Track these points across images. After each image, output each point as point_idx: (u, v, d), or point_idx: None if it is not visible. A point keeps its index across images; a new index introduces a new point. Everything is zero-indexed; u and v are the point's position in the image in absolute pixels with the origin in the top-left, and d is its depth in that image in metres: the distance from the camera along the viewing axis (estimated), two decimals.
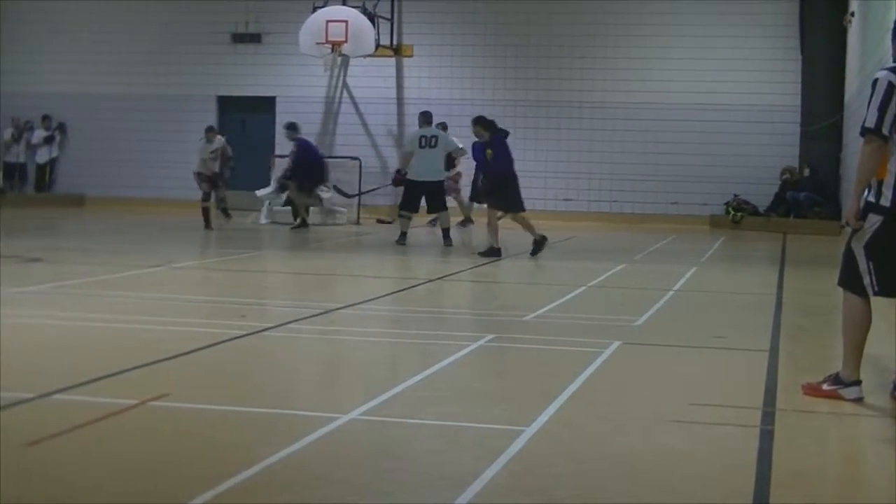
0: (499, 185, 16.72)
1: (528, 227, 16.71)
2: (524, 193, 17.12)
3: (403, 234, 18.25)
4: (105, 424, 5.96)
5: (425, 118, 19.19)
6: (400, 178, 18.92)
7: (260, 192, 23.43)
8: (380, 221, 24.08)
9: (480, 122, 17.16)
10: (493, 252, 16.29)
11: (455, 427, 6.09)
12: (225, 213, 21.12)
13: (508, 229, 17.31)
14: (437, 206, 18.57)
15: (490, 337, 9.08)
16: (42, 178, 28.96)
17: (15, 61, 29.21)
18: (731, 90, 26.20)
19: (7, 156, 28.50)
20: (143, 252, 16.13)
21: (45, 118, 28.84)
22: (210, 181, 20.87)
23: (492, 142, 16.82)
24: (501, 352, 8.66)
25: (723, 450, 5.79)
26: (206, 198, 20.93)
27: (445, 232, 18.34)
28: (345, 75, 27.88)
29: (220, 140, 21.14)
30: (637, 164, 26.63)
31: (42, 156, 28.94)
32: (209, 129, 21.27)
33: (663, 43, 26.61)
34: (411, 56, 27.63)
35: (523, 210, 16.97)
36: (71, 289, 11.62)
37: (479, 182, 18.85)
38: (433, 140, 18.54)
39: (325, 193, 23.14)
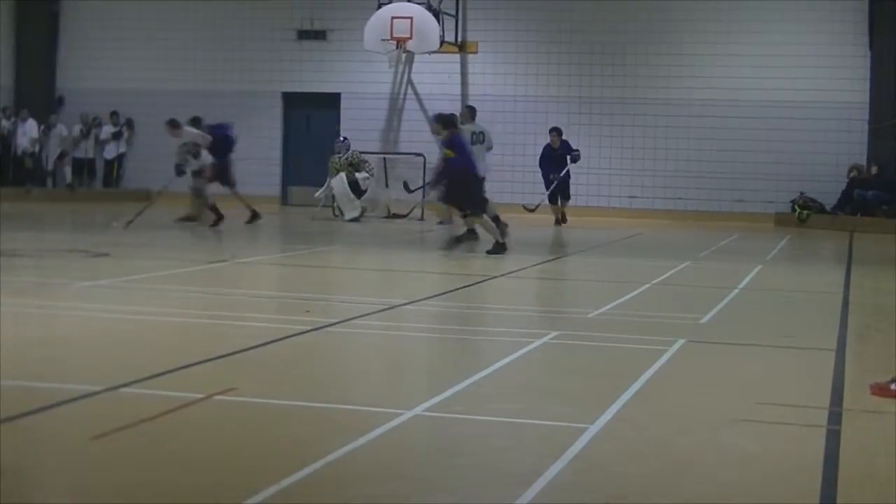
0: (461, 183, 16.09)
1: (492, 231, 16.03)
2: (587, 190, 16.94)
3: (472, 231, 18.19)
4: (171, 418, 6.01)
5: (472, 113, 19.08)
6: None
7: (318, 193, 23.55)
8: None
9: (440, 120, 16.58)
10: (500, 247, 15.78)
11: (519, 424, 6.09)
12: (195, 213, 19.85)
13: (571, 226, 17.19)
14: None
15: (554, 334, 9.06)
16: (110, 174, 29.24)
17: (84, 58, 29.52)
18: (797, 86, 25.91)
19: (76, 151, 28.80)
20: (207, 247, 16.25)
21: (114, 114, 29.11)
22: (197, 176, 19.73)
23: (451, 141, 16.31)
24: (565, 349, 8.64)
25: (789, 450, 5.73)
26: (198, 194, 19.74)
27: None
28: (409, 72, 27.91)
29: (188, 132, 19.79)
30: (701, 162, 26.43)
31: (110, 151, 29.22)
32: (169, 123, 19.93)
33: (728, 39, 26.38)
34: (476, 52, 27.59)
35: (483, 213, 16.22)
36: (137, 283, 11.73)
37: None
38: (481, 136, 18.55)
39: (360, 175, 22.86)
